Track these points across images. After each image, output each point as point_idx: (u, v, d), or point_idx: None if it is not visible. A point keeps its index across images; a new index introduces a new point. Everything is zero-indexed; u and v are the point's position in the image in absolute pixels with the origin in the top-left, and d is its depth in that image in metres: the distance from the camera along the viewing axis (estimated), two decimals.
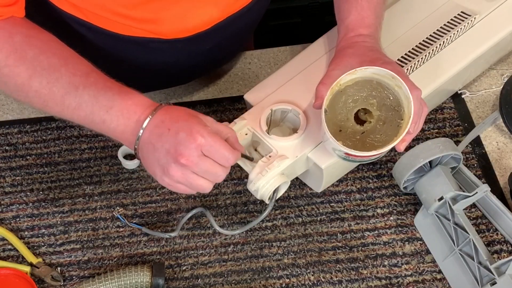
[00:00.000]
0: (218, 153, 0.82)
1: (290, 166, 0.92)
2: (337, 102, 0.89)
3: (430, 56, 1.02)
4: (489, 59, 1.11)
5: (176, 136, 0.81)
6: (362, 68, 0.86)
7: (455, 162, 0.98)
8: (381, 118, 0.89)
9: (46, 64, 0.85)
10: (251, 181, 0.90)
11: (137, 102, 0.85)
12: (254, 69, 1.15)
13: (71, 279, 0.94)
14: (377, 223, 0.98)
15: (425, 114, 0.91)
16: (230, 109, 1.09)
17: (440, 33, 1.03)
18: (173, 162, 0.81)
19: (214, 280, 0.94)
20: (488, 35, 1.05)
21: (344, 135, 0.88)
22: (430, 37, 1.03)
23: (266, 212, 0.94)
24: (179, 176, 0.82)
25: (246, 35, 1.13)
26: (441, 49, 1.03)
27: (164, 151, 0.82)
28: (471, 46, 1.04)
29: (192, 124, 0.82)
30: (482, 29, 1.05)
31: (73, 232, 0.99)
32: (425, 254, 0.95)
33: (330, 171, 0.95)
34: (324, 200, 1.00)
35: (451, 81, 1.03)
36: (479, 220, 0.98)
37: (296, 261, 0.95)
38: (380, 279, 0.93)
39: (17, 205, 1.01)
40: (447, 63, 1.02)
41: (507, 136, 1.06)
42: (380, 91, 0.89)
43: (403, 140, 0.87)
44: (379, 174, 1.03)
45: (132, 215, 1.00)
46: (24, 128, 1.09)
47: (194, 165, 0.81)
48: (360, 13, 0.96)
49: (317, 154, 0.94)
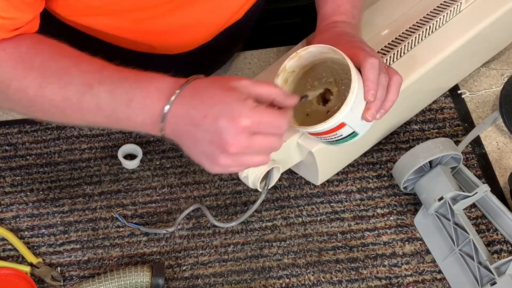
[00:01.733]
0: (268, 127, 0.74)
1: (280, 152, 0.90)
2: (300, 88, 0.90)
3: (416, 42, 1.01)
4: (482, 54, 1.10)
5: (216, 123, 0.72)
6: (301, 50, 0.86)
7: (455, 162, 0.98)
8: (341, 94, 0.89)
9: (55, 68, 0.79)
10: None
11: (159, 86, 0.76)
12: (254, 69, 1.15)
13: (71, 279, 0.94)
14: (377, 223, 0.98)
15: (395, 82, 0.87)
16: None
17: (426, 19, 1.02)
18: (221, 153, 0.74)
19: (214, 280, 0.94)
20: (475, 21, 1.04)
21: (312, 119, 0.89)
22: (416, 24, 1.02)
23: (259, 200, 0.93)
24: (230, 163, 0.75)
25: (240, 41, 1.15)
26: (427, 35, 1.02)
27: (206, 142, 0.74)
28: (457, 33, 1.03)
29: (230, 106, 0.72)
30: (469, 15, 1.05)
31: (73, 232, 0.99)
32: (425, 254, 0.95)
33: (323, 157, 0.94)
34: (324, 200, 1.00)
35: (439, 71, 1.02)
36: (479, 220, 0.98)
37: (296, 261, 0.95)
38: (380, 279, 0.93)
39: (17, 205, 1.01)
40: (432, 50, 1.01)
41: (507, 136, 1.06)
42: (335, 69, 0.89)
43: (367, 109, 0.85)
44: (379, 174, 1.03)
45: (132, 215, 1.00)
46: (24, 128, 1.08)
47: (245, 149, 0.74)
48: (335, 2, 0.97)
49: (307, 139, 0.93)
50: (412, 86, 0.99)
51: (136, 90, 0.77)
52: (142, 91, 0.76)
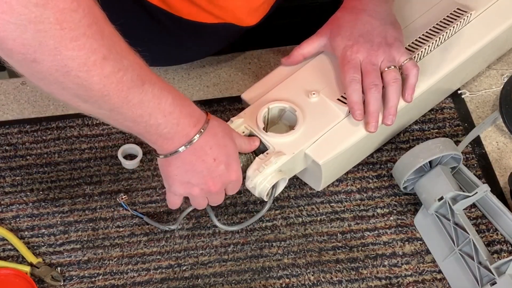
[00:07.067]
0: (233, 189, 0.90)
1: (288, 163, 0.92)
2: None
3: (426, 52, 1.02)
4: (488, 58, 1.11)
5: (217, 167, 0.85)
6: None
7: (455, 162, 0.98)
8: None
9: (119, 48, 0.74)
10: (249, 178, 0.90)
11: (191, 112, 0.83)
12: (254, 69, 1.15)
13: (71, 279, 0.94)
14: (377, 223, 0.98)
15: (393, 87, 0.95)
16: (230, 109, 1.09)
17: (436, 29, 1.03)
18: (202, 186, 0.86)
19: (214, 280, 0.94)
20: (485, 32, 1.04)
21: None
22: (426, 34, 1.03)
23: (265, 210, 0.94)
24: (196, 194, 0.88)
25: None
26: (437, 45, 1.03)
27: (200, 176, 0.85)
28: (467, 43, 1.03)
29: (232, 159, 0.87)
30: (479, 25, 1.05)
31: (73, 232, 0.99)
32: (425, 254, 0.95)
33: (328, 167, 0.95)
34: (324, 200, 1.00)
35: (447, 78, 1.02)
36: (479, 220, 0.98)
37: (296, 261, 0.95)
38: (380, 279, 0.93)
39: (17, 205, 1.01)
40: (443, 60, 1.02)
41: (507, 136, 1.06)
42: None
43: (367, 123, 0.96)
44: (379, 174, 1.03)
45: (132, 215, 1.00)
46: (24, 128, 1.08)
47: (214, 193, 0.88)
48: None
49: (314, 150, 0.94)
50: (420, 96, 0.99)
51: (177, 107, 0.81)
52: (181, 109, 0.81)
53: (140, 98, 0.76)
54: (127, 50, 0.75)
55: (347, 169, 1.02)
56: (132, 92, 0.75)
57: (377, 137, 1.00)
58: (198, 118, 0.83)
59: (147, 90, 0.76)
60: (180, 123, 0.81)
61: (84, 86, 0.72)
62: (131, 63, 0.74)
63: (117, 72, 0.73)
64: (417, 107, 1.04)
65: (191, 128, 0.82)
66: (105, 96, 0.74)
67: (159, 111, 0.78)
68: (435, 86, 1.01)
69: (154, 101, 0.78)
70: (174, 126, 0.81)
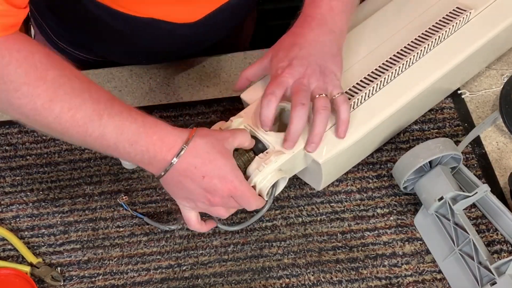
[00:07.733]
0: (244, 201, 0.87)
1: (288, 162, 0.92)
2: None
3: (426, 51, 1.01)
4: (487, 57, 1.11)
5: (209, 183, 0.84)
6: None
7: (455, 162, 0.98)
8: None
9: (69, 88, 0.80)
10: (248, 177, 0.90)
11: (162, 137, 0.83)
12: None
13: (71, 279, 0.94)
14: (377, 223, 0.98)
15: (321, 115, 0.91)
16: (230, 109, 1.09)
17: (436, 28, 1.03)
18: (202, 200, 0.86)
19: (214, 280, 0.94)
20: (484, 31, 1.04)
21: None
22: (425, 32, 1.02)
23: (265, 209, 0.94)
24: (202, 208, 0.88)
25: None
26: (437, 44, 1.02)
27: (196, 193, 0.85)
28: (466, 42, 1.03)
29: (225, 171, 0.84)
30: (478, 24, 1.05)
31: (73, 232, 0.99)
32: (425, 254, 0.95)
33: (328, 167, 0.95)
34: (324, 200, 1.00)
35: (447, 78, 1.02)
36: (479, 220, 0.98)
37: (296, 261, 0.95)
38: (380, 279, 0.93)
39: (17, 205, 1.01)
40: (442, 59, 1.02)
41: (507, 136, 1.06)
42: None
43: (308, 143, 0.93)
44: (379, 174, 1.03)
45: (132, 215, 1.00)
46: (24, 128, 1.09)
47: (221, 204, 0.87)
48: None
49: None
50: (420, 96, 0.99)
51: (141, 135, 0.82)
52: (147, 137, 0.82)
53: (101, 131, 0.81)
54: (79, 89, 0.80)
55: (347, 168, 1.02)
56: (91, 127, 0.80)
57: (377, 136, 1.00)
58: (172, 142, 0.83)
59: (107, 123, 0.80)
60: (150, 150, 0.82)
61: (45, 126, 0.80)
62: (85, 100, 0.80)
63: (67, 111, 0.79)
64: (416, 107, 1.04)
65: (166, 152, 0.83)
66: (65, 132, 0.81)
67: (125, 141, 0.82)
68: (434, 85, 1.01)
69: (116, 132, 0.81)
70: (144, 153, 0.83)
